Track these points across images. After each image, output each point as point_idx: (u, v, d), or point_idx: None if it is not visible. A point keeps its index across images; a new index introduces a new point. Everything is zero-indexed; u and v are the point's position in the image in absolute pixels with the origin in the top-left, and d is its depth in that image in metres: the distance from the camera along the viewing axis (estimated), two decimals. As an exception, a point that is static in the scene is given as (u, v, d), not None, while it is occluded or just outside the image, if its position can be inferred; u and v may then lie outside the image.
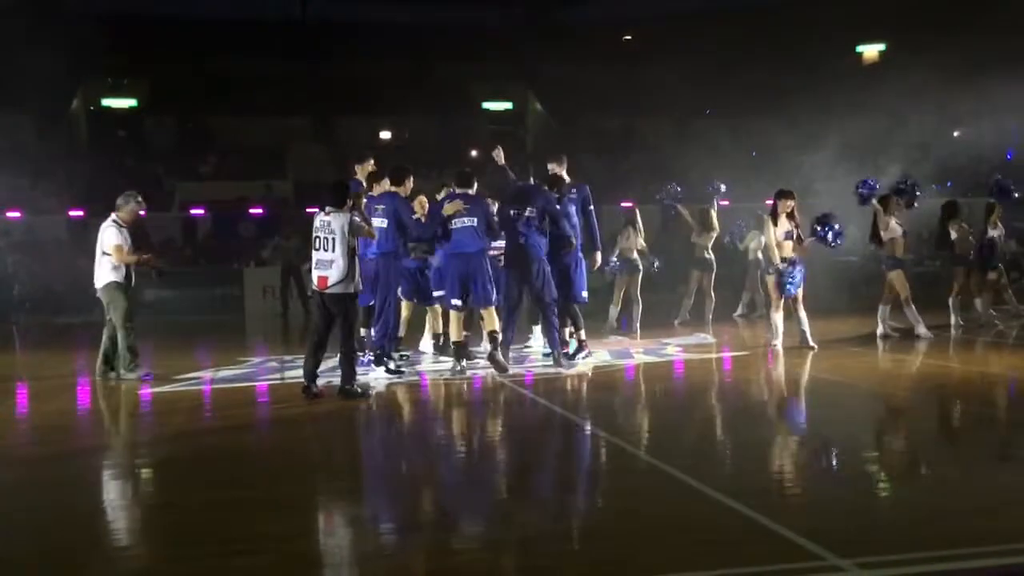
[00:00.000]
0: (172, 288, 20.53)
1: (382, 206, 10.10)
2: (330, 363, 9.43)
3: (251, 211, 24.85)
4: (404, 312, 10.77)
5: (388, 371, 10.05)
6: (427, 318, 11.60)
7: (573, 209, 10.84)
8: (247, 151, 28.89)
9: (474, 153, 11.28)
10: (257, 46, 29.01)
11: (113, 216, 10.18)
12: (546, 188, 10.68)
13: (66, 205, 25.13)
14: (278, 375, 10.63)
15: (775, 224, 11.28)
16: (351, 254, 8.59)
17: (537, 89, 32.46)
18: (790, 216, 11.32)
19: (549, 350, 10.81)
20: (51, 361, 13.17)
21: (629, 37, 31.75)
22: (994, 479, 5.69)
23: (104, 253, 10.07)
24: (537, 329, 11.48)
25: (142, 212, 10.45)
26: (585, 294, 10.96)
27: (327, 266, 8.57)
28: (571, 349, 10.80)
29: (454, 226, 9.91)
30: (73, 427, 8.32)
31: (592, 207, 11.10)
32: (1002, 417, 8.10)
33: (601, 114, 30.49)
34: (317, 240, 8.65)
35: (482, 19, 30.33)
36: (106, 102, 30.62)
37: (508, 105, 32.93)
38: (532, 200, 10.28)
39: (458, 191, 10.17)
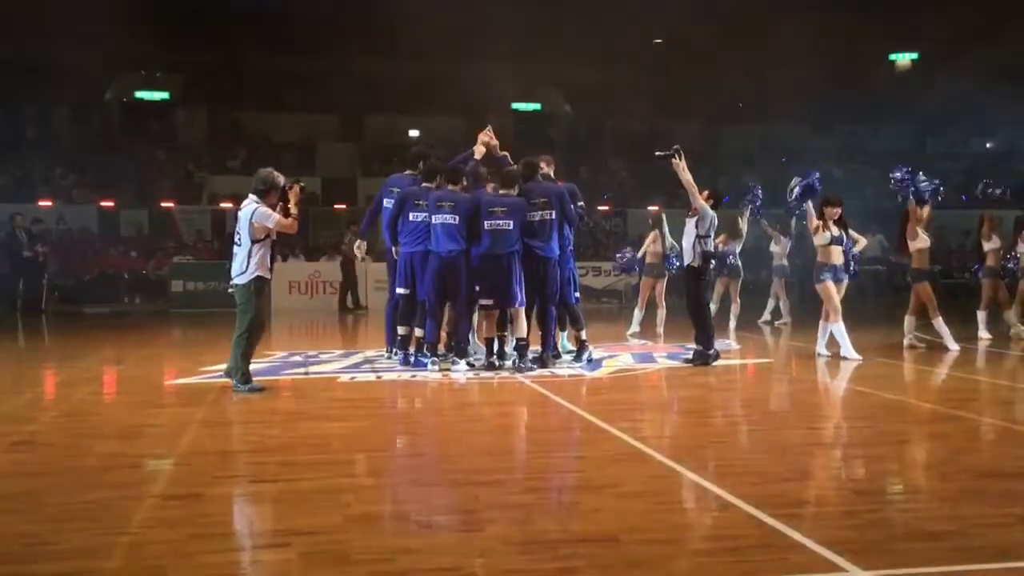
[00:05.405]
0: (201, 281, 20.83)
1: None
2: (352, 361, 9.42)
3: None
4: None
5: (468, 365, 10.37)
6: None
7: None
8: (276, 147, 29.08)
9: (505, 154, 11.27)
10: (288, 42, 29.15)
11: (253, 197, 8.82)
12: (561, 186, 10.71)
13: (97, 195, 25.44)
14: (302, 369, 10.69)
15: (825, 229, 11.26)
16: None
17: (566, 91, 32.46)
18: (838, 223, 11.33)
19: (572, 350, 10.98)
20: (78, 349, 13.32)
21: (659, 40, 31.71)
22: (1020, 494, 5.65)
23: (255, 240, 8.73)
24: (563, 334, 11.46)
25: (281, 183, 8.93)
26: (577, 295, 11.03)
27: None
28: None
29: (488, 228, 10.00)
30: (96, 416, 8.38)
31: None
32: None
33: (629, 117, 30.49)
34: None
35: (512, 19, 30.33)
36: (139, 94, 30.88)
37: (537, 106, 32.94)
38: (549, 199, 10.33)
39: (501, 192, 10.25)
